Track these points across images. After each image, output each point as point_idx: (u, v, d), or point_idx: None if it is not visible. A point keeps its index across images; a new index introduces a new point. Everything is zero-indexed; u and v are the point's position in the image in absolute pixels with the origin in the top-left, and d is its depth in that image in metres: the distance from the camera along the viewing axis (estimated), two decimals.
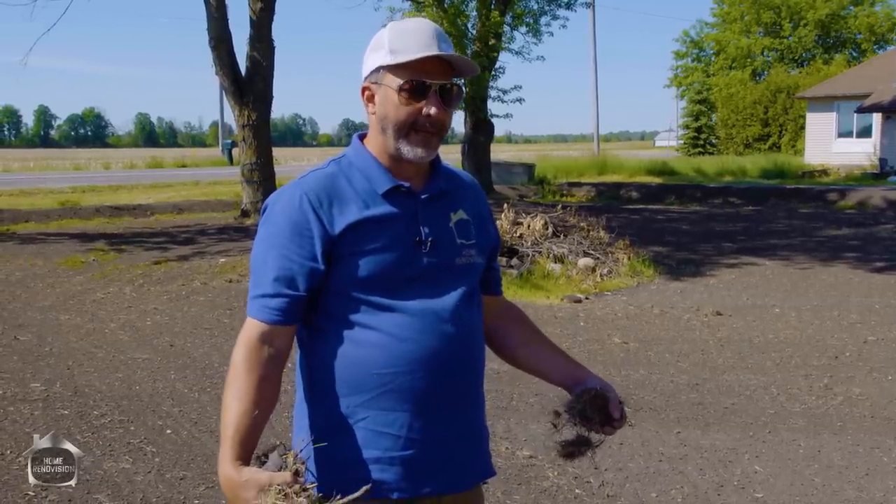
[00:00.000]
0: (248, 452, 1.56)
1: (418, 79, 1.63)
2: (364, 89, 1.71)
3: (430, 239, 1.69)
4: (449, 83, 1.66)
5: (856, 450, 4.30)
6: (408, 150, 1.66)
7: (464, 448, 1.76)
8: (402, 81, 1.64)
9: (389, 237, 1.65)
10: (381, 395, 1.65)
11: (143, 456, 4.21)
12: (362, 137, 1.77)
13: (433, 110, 1.64)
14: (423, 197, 1.71)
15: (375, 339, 1.65)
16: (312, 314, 1.70)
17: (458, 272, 1.73)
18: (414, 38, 1.64)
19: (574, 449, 1.81)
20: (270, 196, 1.73)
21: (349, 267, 1.64)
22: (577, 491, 3.82)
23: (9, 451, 4.24)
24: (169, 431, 4.57)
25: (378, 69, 1.67)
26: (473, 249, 1.76)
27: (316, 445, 1.66)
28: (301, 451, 1.55)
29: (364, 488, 1.54)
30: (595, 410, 1.78)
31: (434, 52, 1.62)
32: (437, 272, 1.69)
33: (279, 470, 1.50)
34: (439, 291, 1.69)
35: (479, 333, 1.80)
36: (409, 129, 1.66)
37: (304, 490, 1.46)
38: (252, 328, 1.64)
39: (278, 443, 1.59)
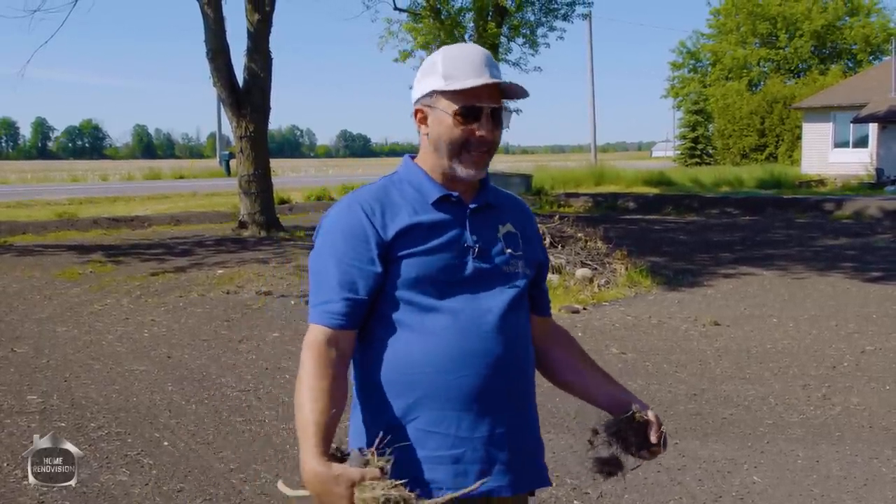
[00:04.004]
0: (328, 447, 1.60)
1: (472, 104, 1.74)
2: (417, 111, 1.82)
3: (478, 245, 1.78)
4: (499, 106, 1.76)
5: (854, 460, 4.30)
6: (461, 170, 1.77)
7: (514, 451, 1.78)
8: (457, 106, 1.74)
9: (439, 241, 1.74)
10: (429, 395, 1.72)
11: (140, 468, 4.20)
12: (413, 158, 1.87)
13: (482, 133, 1.74)
14: (471, 206, 1.81)
15: (423, 340, 1.72)
16: (366, 318, 1.77)
17: (506, 279, 1.80)
18: (466, 64, 1.75)
19: (605, 468, 1.83)
20: (325, 212, 1.84)
21: (400, 269, 1.72)
22: (575, 502, 3.81)
23: (5, 464, 4.23)
24: (166, 443, 4.56)
25: (432, 93, 1.77)
26: (521, 261, 1.84)
27: (396, 445, 1.66)
28: (379, 449, 1.57)
29: (477, 483, 1.63)
30: (632, 432, 1.81)
31: (487, 79, 1.73)
32: (485, 277, 1.77)
33: (363, 467, 1.53)
34: (486, 295, 1.76)
35: (526, 340, 1.85)
36: (461, 149, 1.76)
37: (396, 486, 1.49)
38: (317, 333, 1.70)
39: (342, 444, 1.62)
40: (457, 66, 1.75)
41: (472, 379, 1.71)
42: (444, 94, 1.75)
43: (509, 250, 1.82)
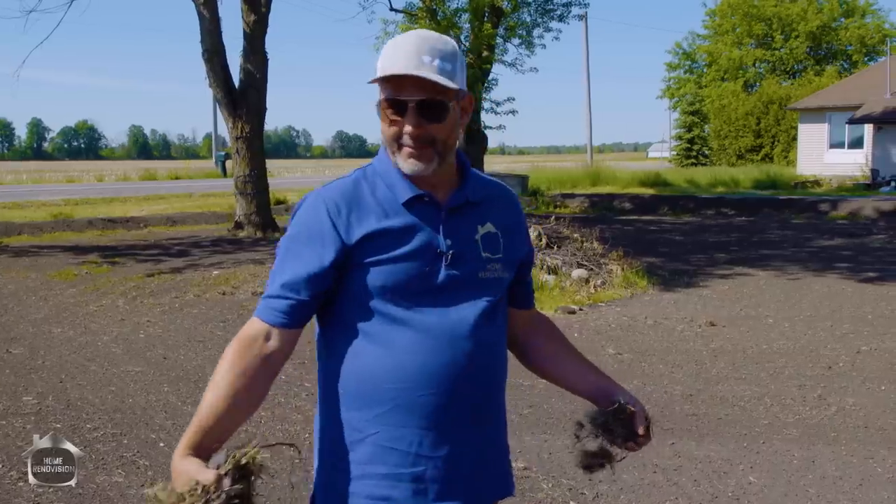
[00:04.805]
0: (207, 444, 1.54)
1: (392, 96, 1.60)
2: (378, 104, 1.70)
3: (451, 251, 1.65)
4: (429, 98, 1.58)
5: (850, 460, 4.31)
6: (402, 164, 1.63)
7: (478, 466, 1.71)
8: (380, 98, 1.62)
9: (410, 248, 1.62)
10: (392, 410, 1.62)
11: (135, 469, 4.19)
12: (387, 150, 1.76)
13: (408, 127, 1.60)
14: (446, 208, 1.67)
15: (388, 352, 1.62)
16: (330, 324, 1.69)
17: (480, 286, 1.68)
18: (394, 54, 1.59)
19: (594, 461, 1.81)
20: (298, 201, 1.73)
21: (366, 276, 1.62)
22: (571, 503, 3.81)
23: (1, 465, 4.22)
24: (162, 444, 4.55)
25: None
26: (499, 264, 1.71)
27: (271, 445, 1.59)
28: (244, 454, 1.48)
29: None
30: (618, 424, 1.76)
31: (401, 70, 1.56)
32: (457, 285, 1.65)
33: (216, 468, 1.46)
34: (458, 306, 1.65)
35: (499, 350, 1.75)
36: (395, 143, 1.63)
37: (218, 494, 1.41)
38: (250, 325, 1.63)
39: (250, 444, 1.52)
40: (388, 55, 1.60)
41: (436, 397, 1.62)
42: (379, 86, 1.63)
43: (486, 254, 1.69)
